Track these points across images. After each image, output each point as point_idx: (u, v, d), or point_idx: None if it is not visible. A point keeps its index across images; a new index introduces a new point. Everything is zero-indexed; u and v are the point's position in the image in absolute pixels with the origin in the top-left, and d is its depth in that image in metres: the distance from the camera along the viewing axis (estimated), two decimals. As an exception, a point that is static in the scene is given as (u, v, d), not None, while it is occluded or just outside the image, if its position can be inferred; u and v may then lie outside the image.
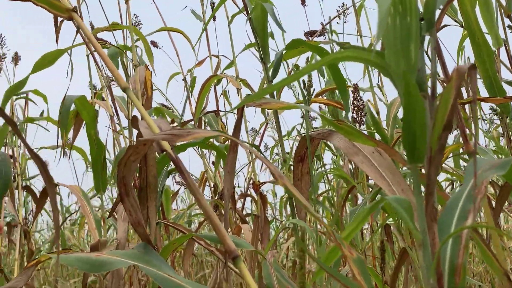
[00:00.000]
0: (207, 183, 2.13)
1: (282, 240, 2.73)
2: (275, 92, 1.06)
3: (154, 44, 1.78)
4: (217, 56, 1.86)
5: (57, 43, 1.13)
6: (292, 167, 0.94)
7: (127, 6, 1.19)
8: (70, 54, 1.22)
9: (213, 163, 1.89)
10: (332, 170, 1.80)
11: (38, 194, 1.81)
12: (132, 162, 0.56)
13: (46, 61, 1.18)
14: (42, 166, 0.40)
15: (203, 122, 1.76)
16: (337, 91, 1.65)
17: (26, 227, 1.79)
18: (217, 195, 1.75)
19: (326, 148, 2.04)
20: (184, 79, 1.88)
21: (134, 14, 1.67)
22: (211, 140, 1.54)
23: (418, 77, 0.49)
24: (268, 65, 1.04)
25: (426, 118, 0.45)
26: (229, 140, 0.71)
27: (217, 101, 1.79)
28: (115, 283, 1.08)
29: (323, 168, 1.93)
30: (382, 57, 0.49)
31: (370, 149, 0.70)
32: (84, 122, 1.37)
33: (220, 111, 1.67)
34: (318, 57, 1.71)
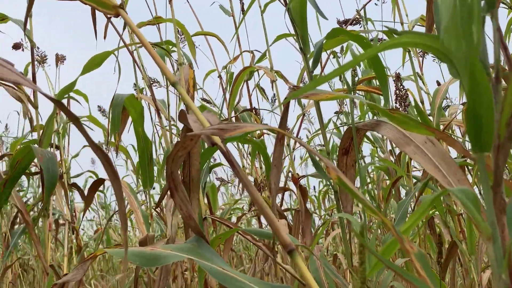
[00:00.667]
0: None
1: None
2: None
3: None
4: (250, 52, 1.85)
5: (98, 39, 1.15)
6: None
7: (170, 5, 1.20)
8: (117, 56, 1.25)
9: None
10: (379, 161, 1.76)
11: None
12: (180, 157, 0.56)
13: (94, 63, 1.21)
14: (107, 161, 0.40)
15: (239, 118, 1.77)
16: (374, 81, 1.61)
17: (73, 224, 1.85)
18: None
19: (365, 140, 2.00)
20: (220, 76, 1.89)
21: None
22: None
23: (481, 61, 0.47)
24: (308, 56, 1.03)
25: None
26: (269, 134, 0.70)
27: (249, 95, 1.78)
28: (164, 277, 1.10)
29: (362, 161, 1.90)
30: (438, 41, 0.47)
31: (422, 138, 0.68)
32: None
33: (255, 108, 1.66)
34: (355, 47, 1.68)
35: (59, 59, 2.27)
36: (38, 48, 1.99)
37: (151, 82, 1.69)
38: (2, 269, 2.13)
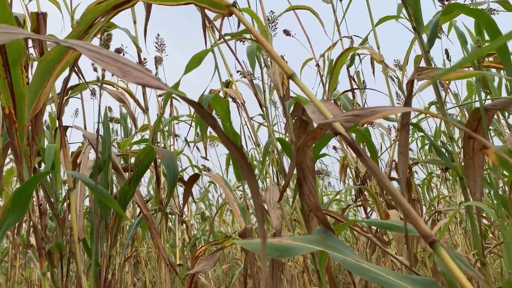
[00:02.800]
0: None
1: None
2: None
3: (287, 32, 1.79)
4: (349, 37, 1.80)
5: (205, 45, 1.19)
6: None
7: None
8: (215, 53, 1.29)
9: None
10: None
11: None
12: (308, 148, 0.55)
13: (194, 62, 1.26)
14: (241, 155, 0.41)
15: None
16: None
17: (182, 217, 1.96)
18: (359, 180, 1.70)
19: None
20: (317, 65, 1.86)
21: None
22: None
23: None
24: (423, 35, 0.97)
25: None
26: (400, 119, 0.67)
27: (350, 80, 1.73)
28: (276, 269, 1.12)
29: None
30: None
31: None
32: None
33: (355, 89, 1.61)
34: (461, 23, 1.53)
35: (157, 60, 2.42)
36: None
37: (244, 75, 1.72)
38: (122, 260, 2.33)
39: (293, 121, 0.86)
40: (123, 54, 2.04)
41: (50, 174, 1.17)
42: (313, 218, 1.09)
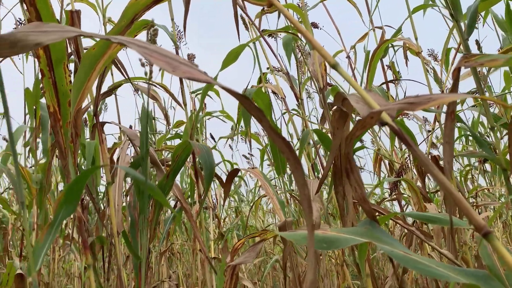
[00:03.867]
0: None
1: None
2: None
3: (315, 25, 1.77)
4: (380, 28, 1.76)
5: (239, 39, 1.19)
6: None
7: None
8: (252, 49, 1.29)
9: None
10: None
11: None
12: (356, 138, 0.55)
13: (230, 57, 1.27)
14: (287, 147, 0.41)
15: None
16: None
17: (215, 211, 1.98)
18: (394, 173, 1.68)
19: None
20: (348, 57, 1.83)
21: None
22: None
23: None
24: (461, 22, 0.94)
25: None
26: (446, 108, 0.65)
27: (384, 71, 1.70)
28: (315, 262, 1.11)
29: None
30: None
31: None
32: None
33: (392, 81, 1.58)
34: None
35: (190, 57, 2.45)
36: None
37: (278, 70, 1.72)
38: (158, 254, 2.38)
39: (331, 112, 0.86)
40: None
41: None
42: (348, 212, 1.08)
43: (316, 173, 1.59)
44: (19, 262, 2.09)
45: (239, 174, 2.59)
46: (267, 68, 1.73)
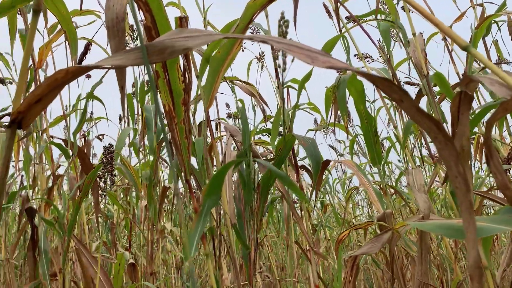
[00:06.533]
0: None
1: None
2: None
3: (403, 8, 1.70)
4: (480, 5, 1.65)
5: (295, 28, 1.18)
6: None
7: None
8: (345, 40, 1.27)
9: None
10: None
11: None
12: (497, 121, 0.52)
13: (326, 48, 1.26)
14: (436, 125, 0.41)
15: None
16: None
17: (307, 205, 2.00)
18: (504, 162, 1.56)
19: None
20: (444, 38, 1.74)
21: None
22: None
23: None
24: None
25: None
26: None
27: (488, 52, 1.58)
28: (425, 253, 1.08)
29: None
30: None
31: None
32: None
33: (500, 62, 1.47)
34: None
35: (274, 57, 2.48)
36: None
37: (365, 58, 1.68)
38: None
39: (453, 96, 0.82)
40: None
41: (200, 163, 1.27)
42: (462, 203, 1.03)
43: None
44: (128, 253, 2.27)
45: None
46: (355, 56, 1.70)
